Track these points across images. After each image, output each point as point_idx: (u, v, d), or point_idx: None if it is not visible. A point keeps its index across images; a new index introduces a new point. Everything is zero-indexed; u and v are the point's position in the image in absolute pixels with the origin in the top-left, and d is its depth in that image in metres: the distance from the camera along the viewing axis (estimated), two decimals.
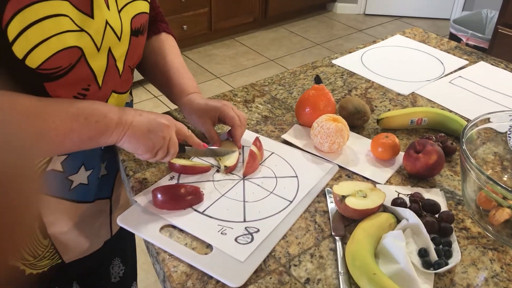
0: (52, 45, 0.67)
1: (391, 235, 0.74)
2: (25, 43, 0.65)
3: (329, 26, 4.40)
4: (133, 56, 0.85)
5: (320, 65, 1.33)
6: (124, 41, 0.80)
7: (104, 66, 0.77)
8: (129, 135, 0.76)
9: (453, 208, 0.84)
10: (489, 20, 3.67)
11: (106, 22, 0.74)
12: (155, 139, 0.77)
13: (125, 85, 0.86)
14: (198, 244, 0.74)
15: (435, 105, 1.14)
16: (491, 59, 1.37)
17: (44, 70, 0.68)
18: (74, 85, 0.74)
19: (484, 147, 0.93)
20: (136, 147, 0.78)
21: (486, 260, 0.74)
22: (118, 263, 1.12)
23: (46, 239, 0.86)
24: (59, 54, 0.68)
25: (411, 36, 1.52)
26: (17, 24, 0.63)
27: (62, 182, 0.85)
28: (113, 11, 0.76)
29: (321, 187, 0.87)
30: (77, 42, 0.70)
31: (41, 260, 0.88)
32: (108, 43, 0.76)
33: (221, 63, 3.67)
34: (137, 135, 0.77)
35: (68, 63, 0.70)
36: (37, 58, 0.66)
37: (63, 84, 0.72)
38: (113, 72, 0.80)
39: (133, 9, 0.81)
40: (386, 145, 0.92)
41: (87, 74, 0.74)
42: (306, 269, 0.71)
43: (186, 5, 3.49)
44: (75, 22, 0.69)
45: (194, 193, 0.80)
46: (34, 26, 0.65)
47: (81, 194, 0.89)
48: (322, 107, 1.00)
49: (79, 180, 0.87)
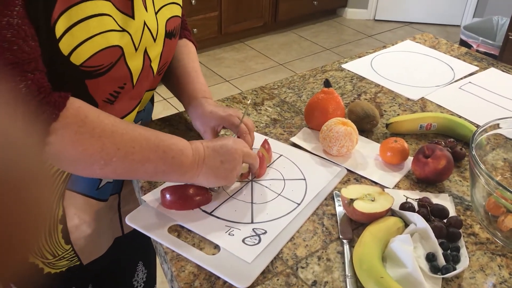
0: (96, 43, 0.69)
1: (399, 239, 0.74)
2: (71, 40, 0.66)
3: (339, 31, 4.40)
4: (167, 58, 0.87)
5: (330, 69, 1.33)
6: (158, 42, 0.82)
7: (140, 66, 0.79)
8: (205, 173, 0.76)
9: (461, 213, 0.84)
10: (500, 27, 3.65)
11: (144, 23, 0.76)
12: (229, 167, 0.77)
13: (155, 83, 0.89)
14: (206, 244, 0.75)
15: (445, 111, 1.14)
16: (502, 66, 1.36)
17: (87, 67, 0.70)
18: (112, 83, 0.75)
19: (494, 153, 0.93)
20: (215, 182, 0.78)
21: (494, 266, 0.73)
22: (141, 267, 1.12)
23: (68, 245, 0.88)
24: (102, 52, 0.70)
25: (421, 41, 1.52)
26: (64, 21, 0.65)
27: (92, 180, 0.86)
28: (151, 12, 0.78)
29: (329, 190, 0.87)
30: (119, 42, 0.72)
31: (60, 260, 0.89)
32: (144, 43, 0.78)
33: (231, 67, 3.68)
34: (213, 171, 0.77)
35: (109, 61, 0.72)
36: (82, 55, 0.68)
37: (103, 81, 0.73)
38: (148, 72, 0.82)
39: (168, 11, 0.83)
40: (395, 150, 0.92)
41: (124, 73, 0.76)
42: (313, 272, 0.71)
43: (196, 8, 3.51)
44: (117, 22, 0.71)
45: (202, 193, 0.81)
46: (80, 24, 0.67)
47: (105, 192, 0.91)
48: (332, 111, 1.00)
49: (107, 179, 0.89)
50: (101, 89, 0.74)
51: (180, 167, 0.74)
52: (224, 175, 0.77)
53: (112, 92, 0.77)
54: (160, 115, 1.33)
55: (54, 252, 0.87)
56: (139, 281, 1.13)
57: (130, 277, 1.11)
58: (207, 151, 0.77)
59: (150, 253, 1.15)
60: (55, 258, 0.88)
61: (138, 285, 1.13)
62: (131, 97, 0.81)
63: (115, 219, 0.99)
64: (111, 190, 0.93)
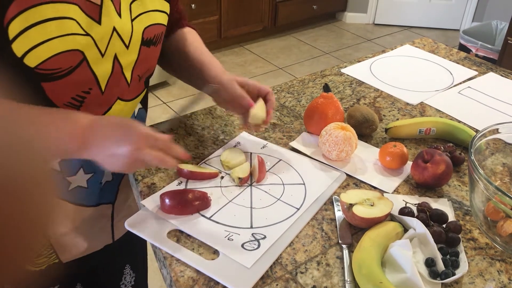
0: (54, 46, 0.68)
1: (398, 244, 0.74)
2: (25, 42, 0.66)
3: (338, 36, 4.41)
4: (143, 66, 0.84)
5: (329, 74, 1.33)
6: (133, 49, 0.80)
7: (109, 72, 0.78)
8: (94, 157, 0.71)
9: (460, 218, 0.84)
10: (499, 32, 3.66)
11: (114, 29, 0.75)
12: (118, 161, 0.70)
13: (133, 93, 0.86)
14: (205, 249, 0.75)
15: (444, 115, 1.14)
16: (501, 70, 1.37)
17: (42, 70, 0.69)
18: (73, 87, 0.74)
19: (493, 158, 0.93)
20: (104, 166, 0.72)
21: (493, 271, 0.73)
22: (129, 270, 1.12)
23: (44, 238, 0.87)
24: (59, 55, 0.69)
25: (420, 46, 1.53)
26: (19, 23, 0.65)
27: (60, 181, 0.85)
28: (125, 19, 0.77)
29: (329, 195, 0.87)
30: (80, 46, 0.71)
31: (38, 257, 0.88)
32: (113, 50, 0.76)
33: (230, 71, 3.66)
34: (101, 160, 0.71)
35: (68, 65, 0.71)
36: (36, 58, 0.67)
37: (61, 85, 0.72)
38: (119, 79, 0.80)
39: (148, 19, 0.81)
40: (394, 154, 0.92)
41: (88, 78, 0.75)
42: (312, 277, 0.71)
43: (196, 12, 3.52)
44: (82, 26, 0.70)
45: (201, 198, 0.81)
46: (37, 27, 0.66)
47: (81, 197, 0.89)
48: (331, 115, 1.00)
49: (77, 183, 0.87)
50: (61, 93, 0.73)
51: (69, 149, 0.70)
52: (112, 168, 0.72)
53: (75, 96, 0.75)
54: (159, 119, 1.33)
55: None
56: (126, 285, 1.12)
57: (118, 280, 1.11)
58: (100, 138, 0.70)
59: (137, 257, 1.15)
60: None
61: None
62: (100, 103, 0.79)
63: (106, 227, 0.98)
64: (98, 198, 0.92)
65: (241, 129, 1.03)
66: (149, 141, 0.71)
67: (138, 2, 0.79)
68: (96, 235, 0.96)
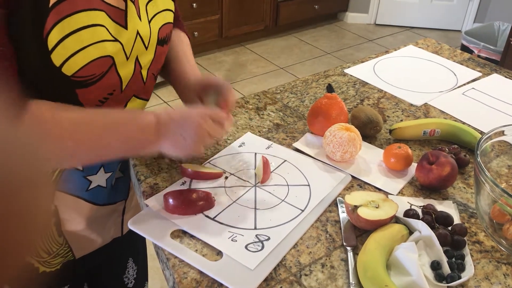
0: (89, 54, 0.69)
1: (403, 247, 0.73)
2: (63, 52, 0.67)
3: (340, 36, 4.40)
4: (157, 64, 0.86)
5: (332, 74, 1.33)
6: (150, 50, 0.82)
7: (131, 73, 0.79)
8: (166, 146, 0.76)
9: (466, 221, 0.83)
10: (501, 33, 3.65)
11: (137, 32, 0.77)
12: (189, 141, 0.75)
13: (148, 92, 0.88)
14: (209, 250, 0.74)
15: (448, 117, 1.14)
16: (505, 72, 1.36)
17: (78, 77, 0.70)
18: (102, 90, 0.76)
19: (498, 160, 0.92)
20: (177, 153, 0.77)
21: (499, 275, 0.73)
22: (131, 263, 1.12)
23: (61, 237, 0.88)
24: (94, 62, 0.70)
25: (423, 47, 1.52)
26: (57, 33, 0.65)
27: (80, 181, 0.86)
28: (144, 21, 0.78)
29: (333, 196, 0.86)
30: (110, 52, 0.72)
31: (55, 257, 0.89)
32: (136, 52, 0.78)
33: (231, 71, 3.68)
34: (174, 144, 0.76)
35: (101, 71, 0.72)
36: (74, 66, 0.68)
37: (93, 90, 0.74)
38: (137, 79, 0.82)
39: (161, 19, 0.83)
40: (398, 156, 0.92)
41: (115, 81, 0.76)
42: (317, 279, 0.70)
43: (197, 12, 3.51)
44: (110, 32, 0.72)
45: (205, 198, 0.80)
46: (73, 35, 0.67)
47: (98, 196, 0.90)
48: (335, 116, 1.00)
49: (97, 182, 0.88)
50: (91, 97, 0.75)
51: (143, 147, 0.76)
52: (185, 148, 0.76)
53: (101, 98, 0.77)
54: None
55: (49, 249, 0.87)
56: (129, 278, 1.13)
57: (121, 274, 1.11)
58: (170, 126, 0.75)
59: (139, 250, 1.16)
60: (50, 255, 0.88)
61: (129, 281, 1.13)
62: (118, 101, 0.81)
63: (117, 221, 0.99)
64: (112, 196, 0.93)
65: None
66: (212, 116, 0.77)
67: (152, 3, 0.81)
68: (108, 229, 0.98)
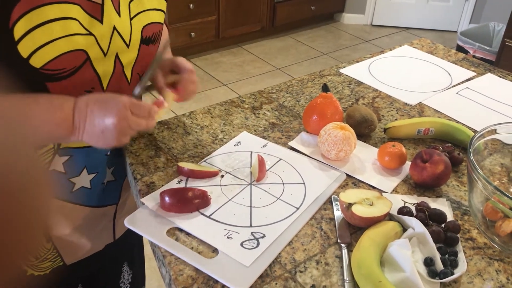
0: (59, 47, 0.68)
1: (397, 244, 0.74)
2: (31, 43, 0.66)
3: (336, 36, 4.42)
4: (142, 64, 0.85)
5: (328, 74, 1.34)
6: (133, 48, 0.80)
7: (111, 71, 0.78)
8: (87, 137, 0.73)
9: (459, 218, 0.84)
10: (496, 33, 3.67)
11: (114, 28, 0.75)
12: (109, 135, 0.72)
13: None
14: (204, 247, 0.75)
15: (442, 116, 1.15)
16: (499, 71, 1.37)
17: (47, 70, 0.69)
18: (77, 86, 0.74)
19: (491, 158, 0.93)
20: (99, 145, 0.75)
21: (492, 271, 0.74)
22: (126, 268, 1.12)
23: (49, 242, 0.87)
24: (64, 56, 0.69)
25: (418, 47, 1.53)
26: (24, 24, 0.64)
27: (64, 183, 0.85)
28: (124, 18, 0.77)
29: (328, 194, 0.87)
30: (84, 46, 0.71)
31: (43, 261, 0.88)
32: (115, 48, 0.77)
33: (228, 71, 3.69)
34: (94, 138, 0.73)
35: (72, 65, 0.71)
36: (42, 58, 0.67)
37: (66, 85, 0.72)
38: (120, 78, 0.81)
39: (146, 18, 0.81)
40: (393, 154, 0.93)
41: (91, 77, 0.75)
42: (311, 276, 0.71)
43: (194, 12, 3.52)
44: (84, 25, 0.70)
45: (201, 196, 0.81)
46: (42, 27, 0.66)
47: (84, 197, 0.89)
48: (330, 115, 1.01)
49: (81, 183, 0.87)
50: (65, 92, 0.73)
51: (58, 140, 0.76)
52: (104, 142, 0.73)
53: (78, 95, 0.75)
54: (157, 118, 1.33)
55: (36, 254, 0.86)
56: (125, 282, 1.13)
57: (117, 279, 1.11)
58: (86, 118, 0.72)
59: (134, 254, 1.15)
60: (38, 260, 0.87)
61: (125, 286, 1.13)
62: None
63: (108, 226, 0.98)
64: (102, 199, 0.93)
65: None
66: (133, 109, 0.73)
67: (137, 1, 0.79)
68: (99, 234, 0.96)
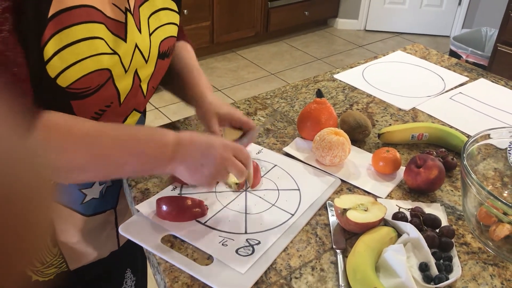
0: (85, 66, 0.68)
1: (392, 249, 0.74)
2: (59, 63, 0.66)
3: (330, 42, 4.43)
4: (157, 78, 0.86)
5: (322, 79, 1.34)
6: (150, 63, 0.81)
7: (130, 87, 0.79)
8: (182, 170, 0.73)
9: (453, 223, 0.84)
10: (488, 38, 3.70)
11: (136, 45, 0.76)
12: (207, 172, 0.73)
13: (144, 103, 0.88)
14: (199, 255, 0.74)
15: (436, 121, 1.15)
16: (491, 76, 1.38)
17: (73, 89, 0.69)
18: (98, 102, 0.75)
19: (485, 163, 0.94)
20: (190, 181, 0.75)
21: (486, 276, 0.74)
22: (130, 274, 1.12)
23: (56, 247, 0.87)
24: (90, 75, 0.70)
25: (412, 52, 1.54)
26: (54, 44, 0.65)
27: (76, 194, 0.86)
28: (145, 34, 0.78)
29: (323, 200, 0.87)
30: (109, 65, 0.72)
31: (49, 267, 0.88)
32: (135, 65, 0.77)
33: (223, 76, 3.69)
34: (190, 172, 0.73)
35: (97, 83, 0.72)
36: (69, 78, 0.68)
37: (89, 102, 0.73)
38: (136, 92, 0.81)
39: (163, 32, 0.82)
40: (387, 160, 0.93)
41: (112, 93, 0.76)
42: (307, 282, 0.71)
43: (188, 18, 3.52)
44: (109, 45, 0.71)
45: (198, 206, 0.80)
46: (70, 47, 0.66)
47: (91, 207, 0.90)
48: (324, 121, 1.01)
49: (92, 195, 0.88)
50: (87, 109, 0.74)
51: (158, 166, 0.72)
52: (200, 177, 0.73)
53: (98, 111, 0.76)
54: (152, 124, 1.33)
55: (43, 259, 0.86)
56: None
57: (120, 285, 1.11)
58: (190, 150, 0.72)
59: (137, 260, 1.15)
60: (44, 265, 0.87)
61: None
62: (117, 114, 0.80)
63: (112, 234, 0.98)
64: (103, 206, 0.93)
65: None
66: (234, 152, 0.74)
67: (155, 17, 0.80)
68: (103, 242, 0.97)
